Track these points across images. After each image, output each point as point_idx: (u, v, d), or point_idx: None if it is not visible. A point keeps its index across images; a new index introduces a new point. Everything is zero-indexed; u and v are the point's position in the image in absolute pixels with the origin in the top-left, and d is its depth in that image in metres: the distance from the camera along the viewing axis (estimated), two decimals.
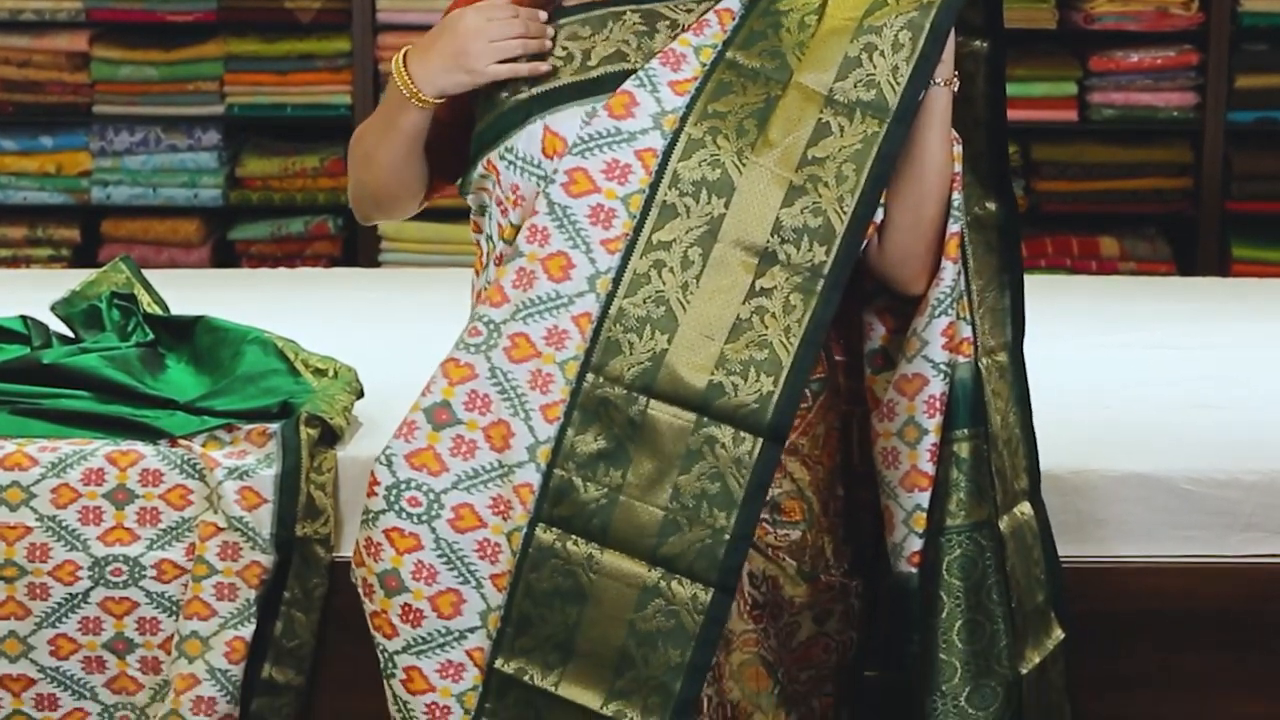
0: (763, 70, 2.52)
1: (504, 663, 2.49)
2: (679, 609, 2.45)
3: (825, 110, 2.49)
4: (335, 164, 5.65)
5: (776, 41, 2.53)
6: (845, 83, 2.50)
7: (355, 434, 3.17)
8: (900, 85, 2.49)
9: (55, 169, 5.66)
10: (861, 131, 2.48)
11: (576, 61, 2.55)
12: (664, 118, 2.51)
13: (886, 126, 2.48)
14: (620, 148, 2.51)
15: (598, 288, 2.48)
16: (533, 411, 2.48)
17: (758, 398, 2.45)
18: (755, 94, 2.51)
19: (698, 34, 2.55)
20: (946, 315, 2.56)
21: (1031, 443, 2.74)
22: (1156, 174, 5.64)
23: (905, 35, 2.49)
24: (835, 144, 2.49)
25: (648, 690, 2.45)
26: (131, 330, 3.38)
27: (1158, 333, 3.90)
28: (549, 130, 2.53)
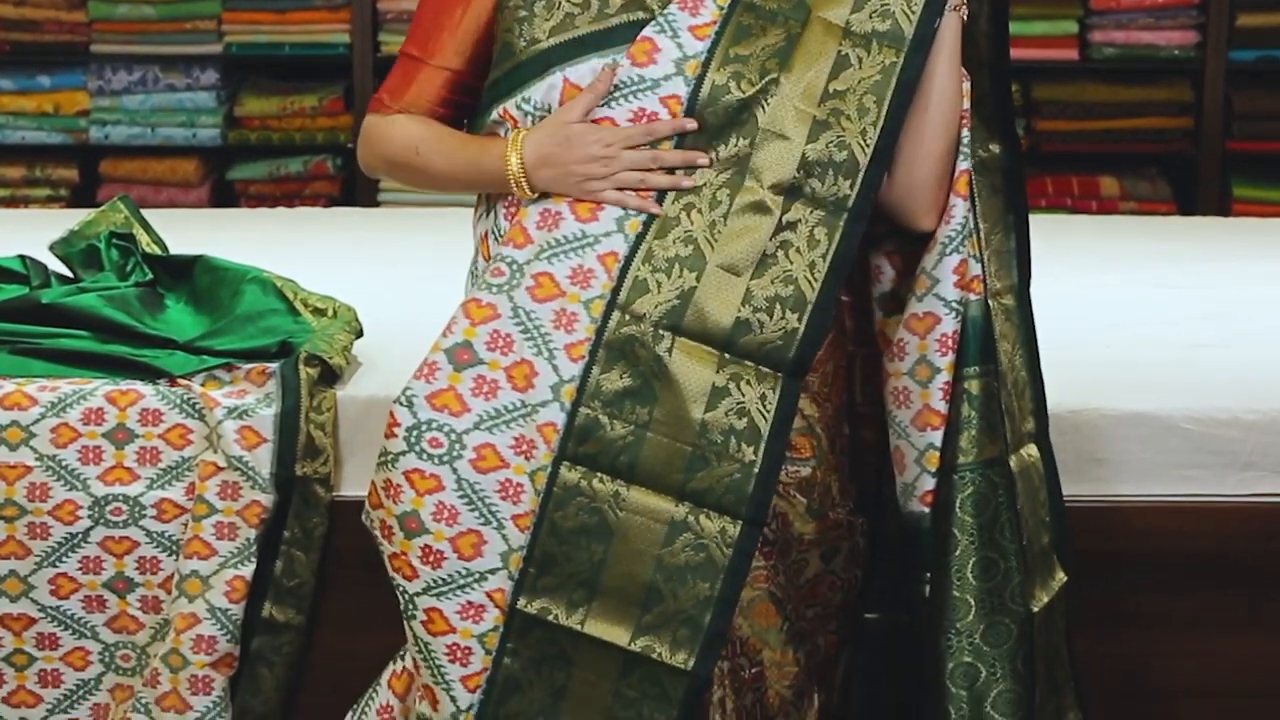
0: (780, 10, 2.52)
1: (527, 603, 2.49)
2: (708, 543, 2.46)
3: (844, 43, 2.50)
4: (334, 103, 5.63)
5: None
6: (861, 14, 2.51)
7: (354, 373, 3.17)
8: (915, 13, 2.50)
9: (53, 108, 5.65)
10: (880, 62, 2.49)
11: (594, 9, 2.55)
12: (686, 63, 2.52)
13: (904, 56, 2.50)
14: (645, 96, 2.51)
15: (625, 228, 2.49)
16: (556, 350, 2.48)
17: (782, 334, 2.46)
18: (775, 34, 2.52)
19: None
20: (958, 253, 2.56)
21: (1038, 386, 2.74)
22: (1157, 113, 5.62)
23: None
24: (855, 76, 2.50)
25: (676, 624, 2.46)
26: (130, 270, 3.38)
27: (1158, 272, 3.90)
28: (568, 83, 2.53)
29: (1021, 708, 2.59)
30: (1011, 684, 2.59)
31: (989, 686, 2.59)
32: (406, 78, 2.64)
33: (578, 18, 2.55)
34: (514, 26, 2.56)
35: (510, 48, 2.56)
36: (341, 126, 5.63)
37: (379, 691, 2.73)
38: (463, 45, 2.61)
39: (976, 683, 2.59)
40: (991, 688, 2.59)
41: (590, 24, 2.55)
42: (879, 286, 2.67)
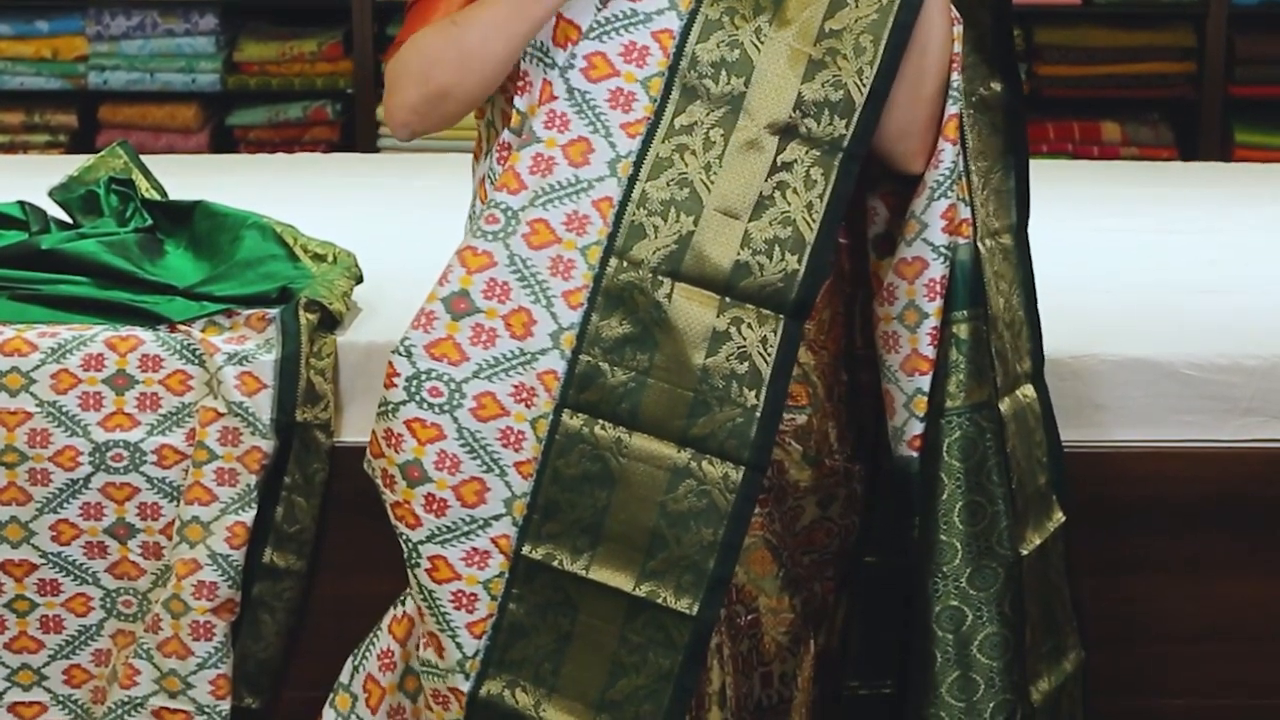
0: None
1: (531, 549, 2.49)
2: (710, 488, 2.46)
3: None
4: (333, 48, 5.61)
5: None
6: None
7: (354, 319, 3.17)
8: None
9: (51, 54, 5.63)
10: (876, 1, 2.48)
11: None
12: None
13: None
14: (637, 29, 2.50)
15: (619, 172, 2.48)
16: (555, 298, 2.48)
17: (782, 276, 2.46)
18: None
19: None
20: (946, 198, 2.56)
21: (1035, 325, 2.74)
22: (1159, 58, 5.60)
23: None
24: (851, 15, 2.49)
25: (680, 569, 2.47)
26: (130, 216, 3.37)
27: (1159, 218, 3.89)
28: (561, 18, 2.51)
29: (1008, 650, 2.60)
30: (998, 627, 2.60)
31: (975, 630, 2.60)
32: (424, 12, 2.55)
33: None
34: None
35: None
36: (341, 71, 5.62)
37: (379, 637, 2.74)
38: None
39: (963, 626, 2.59)
40: (978, 631, 2.60)
41: None
42: (874, 228, 2.67)
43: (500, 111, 2.60)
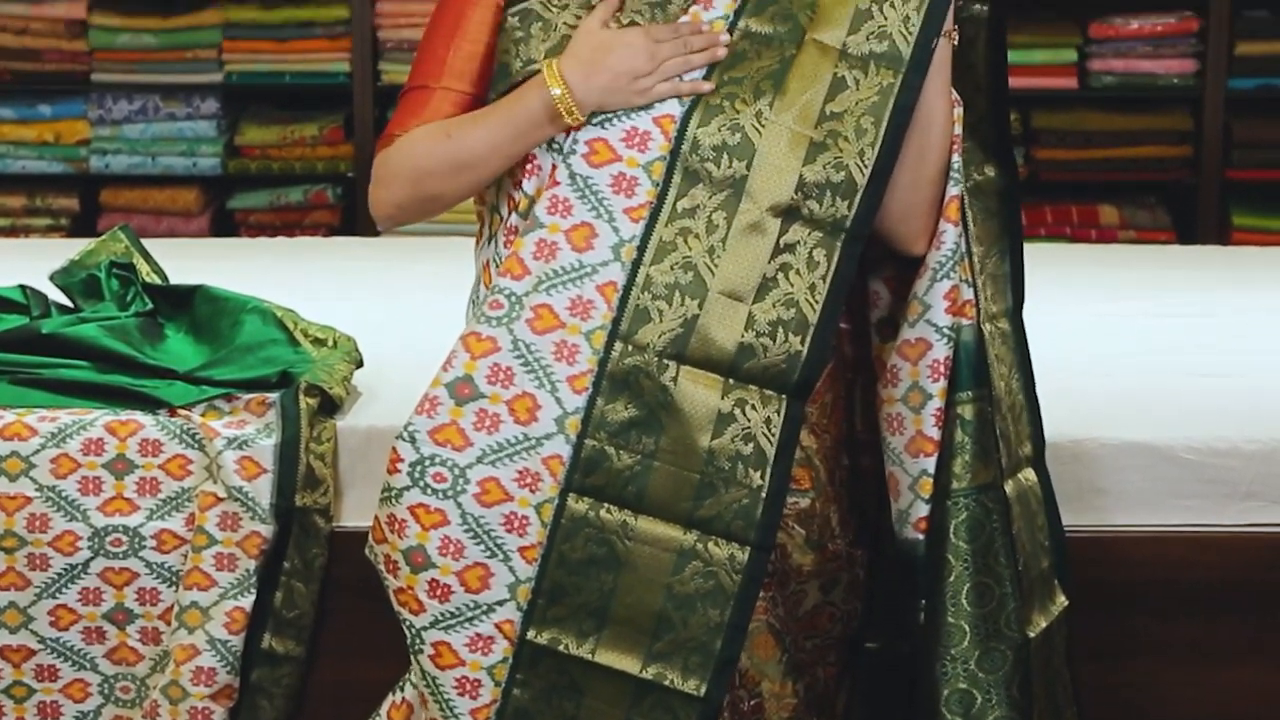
0: (776, 34, 2.53)
1: (536, 633, 2.49)
2: (717, 569, 2.47)
3: (840, 65, 2.51)
4: (334, 132, 5.64)
5: (787, 4, 2.55)
6: (858, 36, 2.51)
7: (354, 404, 3.17)
8: (912, 35, 2.51)
9: (54, 138, 5.65)
10: (877, 84, 2.50)
11: None
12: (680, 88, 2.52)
13: (902, 76, 2.50)
14: (638, 115, 2.52)
15: (622, 256, 2.49)
16: (559, 383, 2.48)
17: (786, 357, 2.47)
18: (770, 57, 2.52)
19: (708, 8, 2.55)
20: (948, 279, 2.57)
21: (1034, 409, 2.74)
22: (1156, 142, 5.63)
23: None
24: (852, 98, 2.50)
25: (688, 651, 2.47)
26: (130, 300, 3.38)
27: (1158, 301, 3.90)
28: None
29: None
30: (1008, 710, 2.59)
31: (985, 712, 2.59)
32: (417, 106, 2.59)
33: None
34: (510, 48, 2.56)
35: (507, 68, 2.56)
36: (342, 155, 5.64)
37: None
38: (468, 68, 2.59)
39: (972, 709, 2.59)
40: (987, 714, 2.59)
41: None
42: (876, 311, 2.68)
43: (506, 196, 2.61)
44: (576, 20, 2.55)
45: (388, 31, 5.59)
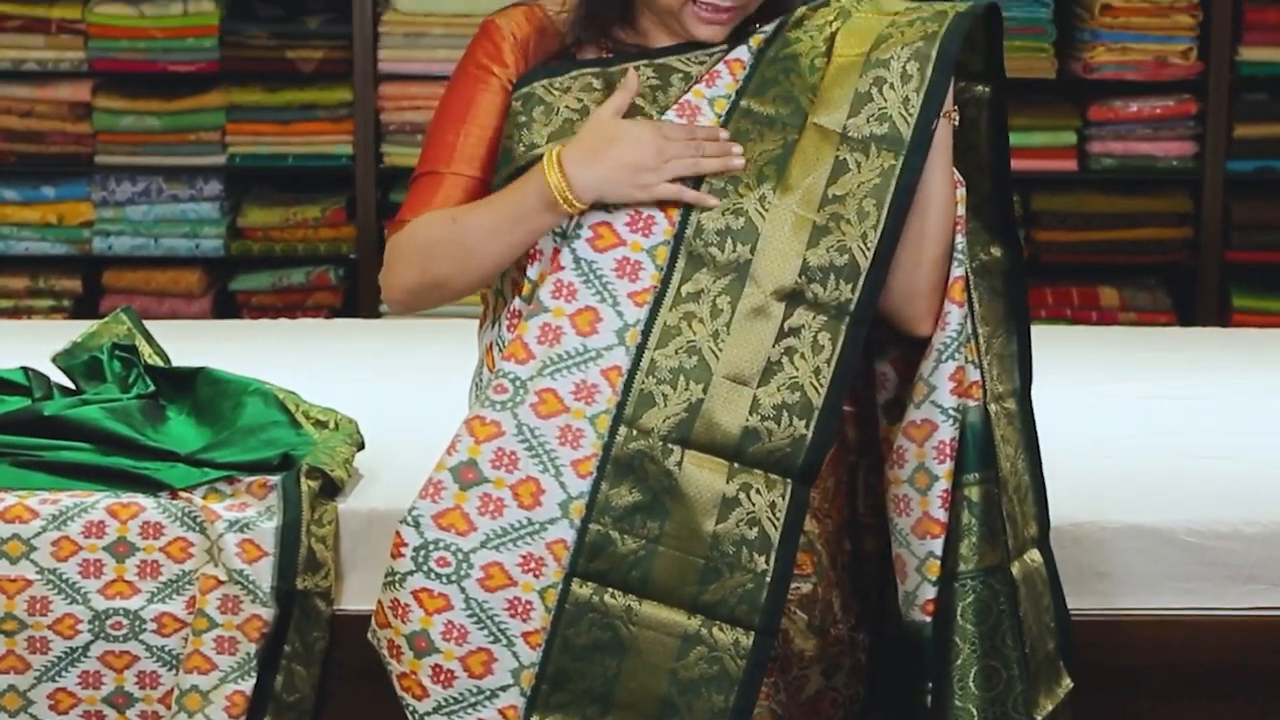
0: (778, 116, 2.54)
1: (540, 719, 2.48)
2: (721, 654, 2.46)
3: (841, 148, 2.52)
4: (336, 214, 5.66)
5: (789, 86, 2.55)
6: (858, 118, 2.52)
7: (356, 486, 3.17)
8: (912, 116, 2.51)
9: (57, 219, 5.67)
10: (878, 166, 2.51)
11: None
12: None
13: (903, 158, 2.51)
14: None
15: (626, 340, 2.50)
16: (563, 467, 2.49)
17: (790, 441, 2.47)
18: (772, 140, 2.53)
19: (710, 86, 2.57)
20: (954, 360, 2.57)
21: (1040, 490, 2.74)
22: (1156, 224, 5.64)
23: (913, 66, 2.52)
24: (854, 180, 2.51)
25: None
26: (133, 381, 3.39)
27: (1158, 383, 3.90)
28: None
29: None
30: None
31: None
32: (428, 192, 2.61)
33: (576, 124, 2.57)
34: (514, 132, 2.58)
35: (510, 153, 2.58)
36: (344, 237, 5.66)
37: None
38: (477, 153, 2.61)
39: None
40: None
41: None
42: (883, 394, 2.68)
43: (510, 280, 2.62)
44: (579, 104, 2.56)
45: (390, 114, 5.62)
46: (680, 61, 2.60)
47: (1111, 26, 5.51)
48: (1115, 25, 5.51)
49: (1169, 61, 5.55)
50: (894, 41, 2.55)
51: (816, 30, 2.60)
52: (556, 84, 2.58)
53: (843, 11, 2.62)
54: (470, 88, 2.62)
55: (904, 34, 2.55)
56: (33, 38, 5.60)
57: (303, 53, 5.61)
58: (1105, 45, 5.51)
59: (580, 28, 2.62)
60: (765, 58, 2.59)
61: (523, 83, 2.59)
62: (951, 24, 2.54)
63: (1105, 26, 5.51)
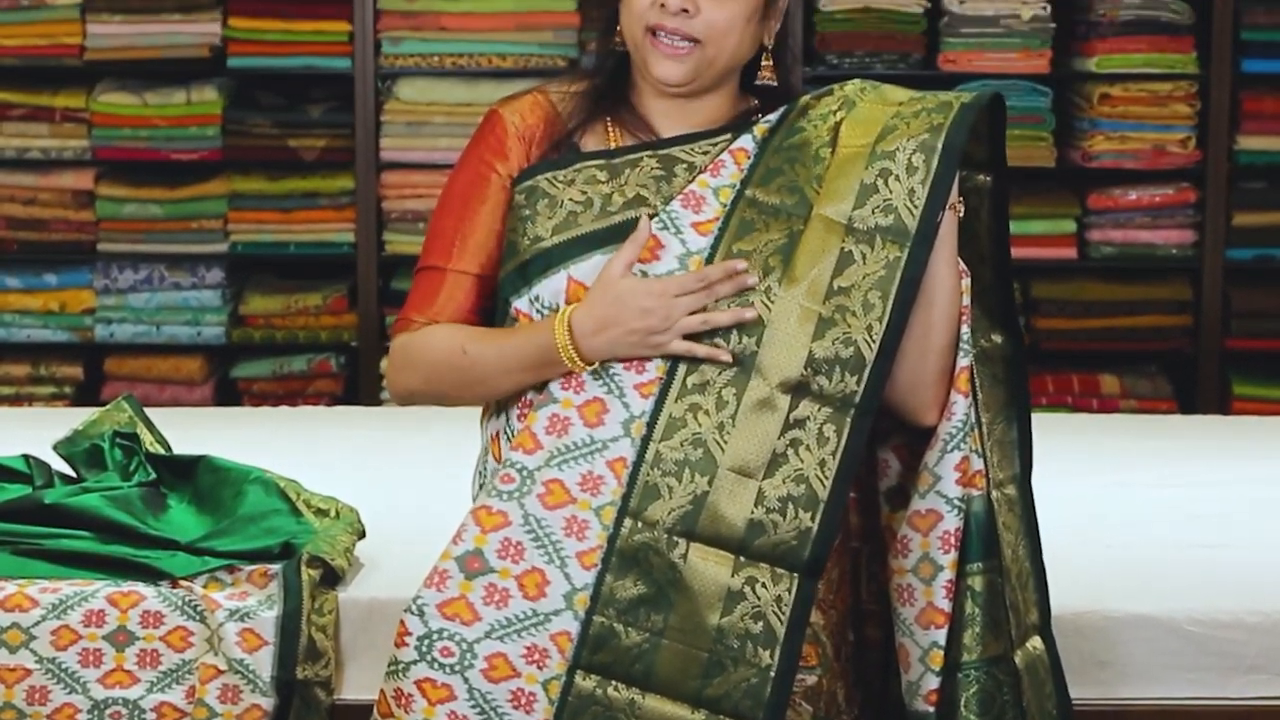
0: (783, 206, 2.55)
1: None
2: None
3: (847, 239, 2.52)
4: (338, 302, 5.67)
5: (794, 176, 2.56)
6: (864, 210, 2.53)
7: (357, 575, 3.16)
8: (918, 208, 2.52)
9: (59, 307, 5.68)
10: (884, 257, 2.51)
11: (596, 207, 2.58)
12: (690, 258, 2.54)
13: (908, 250, 2.51)
14: None
15: (632, 432, 2.50)
16: (569, 559, 2.48)
17: (796, 534, 2.47)
18: (778, 230, 2.54)
19: (715, 175, 2.58)
20: (959, 450, 2.57)
21: (1041, 576, 2.74)
22: (1156, 311, 5.65)
23: (919, 158, 2.53)
24: (859, 272, 2.51)
25: None
26: (133, 469, 3.39)
27: (1160, 471, 3.90)
28: (573, 280, 2.55)
29: None
30: None
31: None
32: (431, 289, 2.64)
33: (580, 215, 2.58)
34: (518, 225, 2.59)
35: (515, 246, 2.59)
36: (345, 325, 5.67)
37: None
38: (479, 251, 2.63)
39: None
40: None
41: (593, 222, 2.58)
42: (886, 480, 2.68)
43: None
44: (583, 196, 2.57)
45: (392, 202, 5.64)
46: (684, 152, 2.62)
47: (1110, 115, 5.54)
48: (1114, 114, 5.54)
49: (1167, 150, 5.57)
50: (900, 133, 2.56)
51: (821, 119, 2.61)
52: (560, 177, 2.60)
53: (847, 101, 2.63)
54: (473, 183, 2.64)
55: (909, 125, 2.56)
56: (37, 126, 5.63)
57: (305, 141, 5.64)
58: (1104, 134, 5.54)
59: (584, 113, 2.64)
60: (770, 147, 2.60)
61: (526, 176, 2.60)
62: (957, 116, 2.56)
63: (1104, 115, 5.54)
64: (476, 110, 5.51)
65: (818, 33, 5.53)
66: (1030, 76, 5.55)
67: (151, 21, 5.58)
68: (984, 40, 5.52)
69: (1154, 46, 5.54)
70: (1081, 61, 5.59)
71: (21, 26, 5.60)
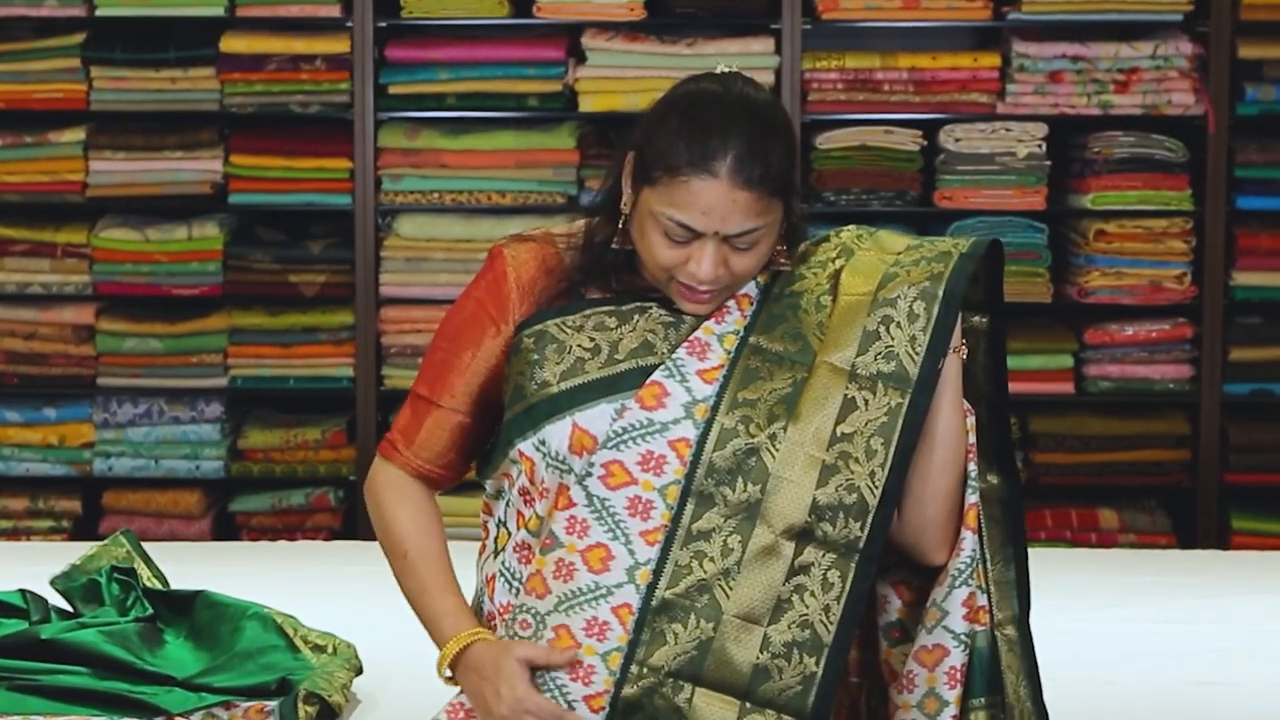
0: (787, 353, 2.57)
1: None
2: None
3: (850, 385, 2.53)
4: (336, 436, 5.67)
5: (797, 324, 2.58)
6: (866, 356, 2.54)
7: (354, 711, 3.15)
8: (919, 355, 2.53)
9: (58, 440, 5.69)
10: (885, 404, 2.52)
11: (604, 355, 2.59)
12: (695, 407, 2.55)
13: (910, 396, 2.53)
14: (654, 439, 2.54)
15: (637, 579, 2.51)
16: (576, 703, 2.49)
17: (800, 679, 2.47)
18: (782, 378, 2.55)
19: (719, 322, 2.60)
20: (966, 586, 2.58)
21: (1043, 716, 2.72)
22: (1154, 446, 5.66)
23: (919, 305, 2.55)
24: (862, 418, 2.52)
25: None
26: (131, 605, 3.38)
27: (1158, 606, 3.89)
28: (577, 427, 2.56)
29: None
30: None
31: None
32: (416, 419, 2.67)
33: (588, 363, 2.59)
34: (525, 369, 2.60)
35: (522, 390, 2.60)
36: (344, 459, 5.67)
37: None
38: (471, 388, 2.65)
39: None
40: None
41: (600, 369, 2.59)
42: (885, 616, 2.67)
43: (515, 512, 2.63)
44: (591, 342, 2.59)
45: (391, 337, 5.66)
46: None
47: (1106, 251, 5.57)
48: (1110, 250, 5.57)
49: (1163, 286, 5.60)
50: (900, 280, 2.58)
51: (820, 267, 2.63)
52: (570, 322, 2.61)
53: (845, 249, 2.65)
54: (468, 324, 2.66)
55: (909, 274, 2.58)
56: (39, 261, 5.66)
57: (305, 276, 5.67)
58: (1100, 270, 5.57)
59: (586, 271, 2.65)
60: (771, 294, 2.62)
61: (535, 320, 2.61)
62: (957, 264, 2.58)
63: (1100, 251, 5.57)
64: (476, 246, 5.54)
65: (815, 169, 5.57)
66: (1026, 213, 5.58)
67: (153, 158, 5.63)
68: (980, 177, 5.56)
69: (1149, 184, 5.57)
70: (1077, 198, 5.63)
71: (25, 163, 5.64)
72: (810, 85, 5.57)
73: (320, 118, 5.64)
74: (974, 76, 5.56)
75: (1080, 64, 5.55)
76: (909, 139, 5.58)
